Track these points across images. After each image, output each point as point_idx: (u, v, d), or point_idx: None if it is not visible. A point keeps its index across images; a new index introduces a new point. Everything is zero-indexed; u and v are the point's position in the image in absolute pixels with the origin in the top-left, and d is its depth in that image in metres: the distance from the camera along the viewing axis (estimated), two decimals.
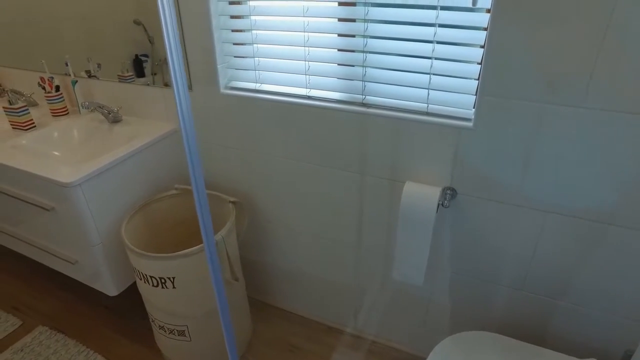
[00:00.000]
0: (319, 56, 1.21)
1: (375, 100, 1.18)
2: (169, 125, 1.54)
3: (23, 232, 1.58)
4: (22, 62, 1.86)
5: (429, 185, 1.18)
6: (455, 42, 1.06)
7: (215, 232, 1.55)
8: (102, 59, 1.60)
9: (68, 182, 1.21)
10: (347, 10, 1.13)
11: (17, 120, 1.55)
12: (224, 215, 1.47)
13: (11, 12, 1.75)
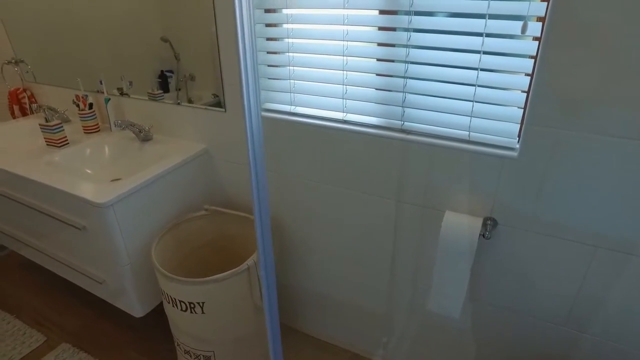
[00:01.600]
0: (357, 80, 1.19)
1: (415, 127, 1.15)
2: (199, 145, 1.54)
3: (51, 248, 1.59)
4: (59, 79, 1.89)
5: (470, 215, 1.13)
6: (500, 70, 1.03)
7: (245, 254, 1.54)
8: (131, 75, 1.61)
9: (101, 202, 1.21)
10: (387, 35, 1.12)
11: (51, 137, 1.57)
12: (253, 238, 1.45)
13: (49, 31, 1.79)
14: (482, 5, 0.98)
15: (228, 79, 1.37)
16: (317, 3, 1.15)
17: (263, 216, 0.72)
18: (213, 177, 1.59)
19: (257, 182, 0.66)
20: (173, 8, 1.37)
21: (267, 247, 0.73)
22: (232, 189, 1.58)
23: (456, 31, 1.03)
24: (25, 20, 1.85)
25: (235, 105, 1.40)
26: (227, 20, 1.28)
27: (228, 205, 1.63)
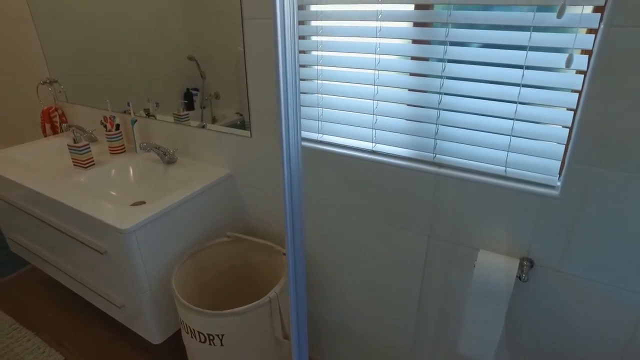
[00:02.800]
0: (387, 110, 1.15)
1: (448, 160, 1.11)
2: (223, 170, 1.52)
3: (72, 268, 1.58)
4: (88, 99, 1.92)
5: (505, 255, 1.07)
6: (541, 104, 0.98)
7: (266, 283, 1.50)
8: (158, 93, 1.62)
9: (124, 228, 1.19)
10: (421, 65, 1.08)
11: (78, 157, 1.58)
12: (275, 266, 1.41)
13: (82, 52, 1.82)
14: (523, 37, 0.93)
15: (255, 104, 1.35)
16: (349, 31, 1.13)
17: (297, 255, 0.68)
18: (236, 202, 1.57)
19: (293, 225, 0.62)
20: (201, 27, 1.38)
21: (301, 288, 0.68)
22: (256, 215, 1.56)
23: (494, 63, 0.98)
24: (60, 42, 1.90)
25: (261, 130, 1.38)
26: (255, 44, 1.27)
27: (251, 232, 1.60)
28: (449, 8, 0.98)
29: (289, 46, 0.50)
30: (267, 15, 1.21)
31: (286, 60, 0.50)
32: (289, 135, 0.56)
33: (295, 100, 0.54)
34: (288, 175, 0.57)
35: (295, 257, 0.67)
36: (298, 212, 0.62)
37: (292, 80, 0.52)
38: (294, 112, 0.54)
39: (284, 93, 0.52)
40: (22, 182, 1.50)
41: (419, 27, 1.07)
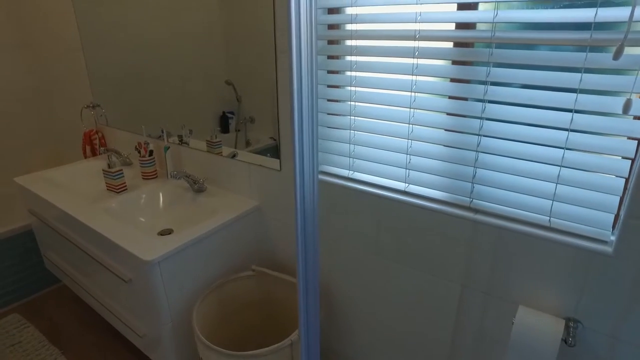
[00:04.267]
0: (422, 150, 1.10)
1: (486, 206, 1.03)
2: (252, 201, 1.50)
3: (98, 291, 1.59)
4: (126, 124, 1.97)
5: (548, 314, 0.97)
6: (592, 151, 0.90)
7: (290, 321, 1.44)
8: (195, 116, 1.64)
9: (148, 259, 1.18)
10: (459, 104, 1.02)
11: (112, 182, 1.60)
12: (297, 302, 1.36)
13: (124, 78, 1.88)
14: (573, 79, 0.86)
15: (285, 138, 1.33)
16: (385, 68, 1.09)
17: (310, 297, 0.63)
18: (263, 236, 1.54)
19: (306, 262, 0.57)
20: (239, 54, 1.39)
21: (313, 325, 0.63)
22: (282, 250, 1.52)
23: (539, 105, 0.92)
24: (104, 68, 1.97)
25: (291, 165, 1.35)
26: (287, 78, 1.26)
27: (276, 267, 1.56)
28: (491, 46, 0.93)
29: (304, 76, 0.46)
30: None
31: (302, 89, 0.46)
32: (303, 169, 0.51)
33: (311, 132, 0.49)
34: (301, 209, 0.53)
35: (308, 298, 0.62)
36: (312, 250, 0.58)
37: (309, 113, 0.48)
38: (310, 145, 0.50)
39: (298, 124, 0.48)
40: (57, 204, 1.54)
41: (458, 65, 1.02)
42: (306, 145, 0.45)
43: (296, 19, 0.40)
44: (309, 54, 0.44)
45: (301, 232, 0.49)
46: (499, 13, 0.89)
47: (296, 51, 0.44)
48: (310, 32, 0.41)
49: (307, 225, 0.49)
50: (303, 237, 0.49)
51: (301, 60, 0.42)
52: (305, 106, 0.44)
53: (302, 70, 0.42)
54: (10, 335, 1.91)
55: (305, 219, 0.49)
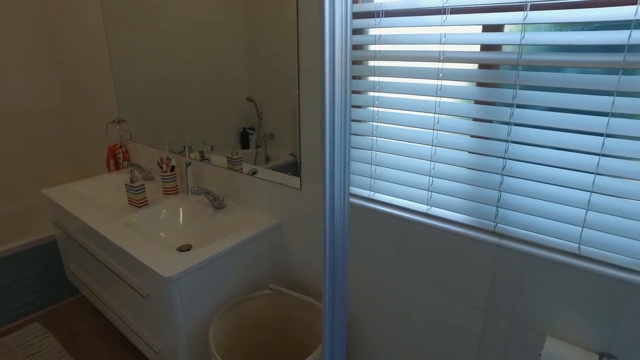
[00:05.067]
0: (445, 172, 1.08)
1: (511, 230, 1.00)
2: (271, 219, 1.49)
3: (116, 304, 1.60)
4: (150, 139, 2.01)
5: (579, 347, 0.93)
6: (625, 176, 0.86)
7: (306, 342, 1.42)
8: (216, 132, 1.66)
9: (167, 276, 1.18)
10: (484, 126, 1.00)
11: (133, 197, 1.63)
12: (317, 326, 1.33)
13: (149, 94, 1.93)
14: (605, 102, 0.84)
15: (306, 157, 1.33)
16: (408, 88, 1.09)
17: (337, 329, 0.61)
18: (282, 254, 1.53)
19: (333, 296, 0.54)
20: (261, 71, 1.41)
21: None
22: (301, 269, 1.50)
23: (568, 129, 0.89)
24: (130, 84, 2.03)
25: (311, 183, 1.34)
26: (309, 98, 1.26)
27: (294, 286, 1.54)
28: (517, 69, 0.91)
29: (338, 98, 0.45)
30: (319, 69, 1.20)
31: (334, 113, 0.45)
32: (333, 193, 0.49)
33: (343, 154, 0.47)
34: (330, 236, 0.50)
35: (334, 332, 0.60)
36: (340, 279, 0.55)
37: (341, 136, 0.46)
38: (341, 168, 0.48)
39: (329, 147, 0.46)
40: (80, 216, 1.56)
41: (483, 87, 1.01)
42: (337, 168, 0.44)
43: (330, 39, 0.39)
44: (343, 74, 0.43)
45: (329, 260, 0.47)
46: (526, 35, 0.88)
47: (329, 71, 0.43)
48: (345, 52, 0.40)
49: (336, 253, 0.47)
50: (331, 267, 0.47)
51: (334, 81, 0.40)
52: (337, 128, 0.42)
53: (336, 91, 0.41)
54: (30, 344, 1.93)
55: (334, 246, 0.47)
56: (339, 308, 0.57)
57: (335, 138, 0.41)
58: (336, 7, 0.36)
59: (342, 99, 0.40)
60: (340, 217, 0.47)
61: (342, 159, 0.42)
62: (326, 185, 0.42)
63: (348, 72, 0.41)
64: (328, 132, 0.40)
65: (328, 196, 0.42)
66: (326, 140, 0.40)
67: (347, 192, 0.44)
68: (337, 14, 0.36)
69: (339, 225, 0.46)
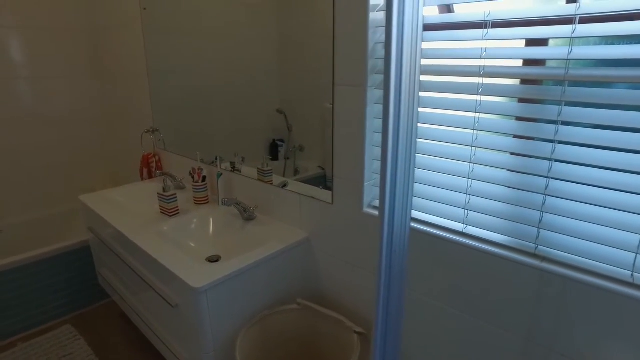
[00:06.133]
0: (483, 190, 1.04)
1: (554, 254, 0.95)
2: (301, 233, 1.48)
3: (145, 313, 1.61)
4: (182, 149, 2.05)
5: None
6: None
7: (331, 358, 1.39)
8: (246, 143, 1.67)
9: (196, 286, 1.18)
10: (525, 144, 0.96)
11: (165, 206, 1.65)
12: (344, 344, 1.30)
13: (183, 104, 1.97)
14: None
15: (339, 171, 1.31)
16: (446, 103, 1.06)
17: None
18: (311, 269, 1.51)
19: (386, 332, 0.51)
20: (292, 83, 1.42)
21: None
22: (330, 285, 1.48)
23: (619, 148, 0.84)
24: (165, 94, 2.08)
25: (343, 198, 1.32)
26: (343, 110, 1.25)
27: (322, 301, 1.52)
28: (563, 84, 0.87)
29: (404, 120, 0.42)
30: (356, 83, 1.18)
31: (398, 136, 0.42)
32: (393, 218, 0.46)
33: (406, 177, 0.45)
34: (387, 265, 0.47)
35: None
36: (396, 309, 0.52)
37: (405, 156, 0.43)
38: (403, 192, 0.45)
39: (391, 168, 0.43)
40: (113, 223, 1.60)
41: (525, 104, 0.97)
42: (399, 192, 0.41)
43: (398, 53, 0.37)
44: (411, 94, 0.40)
45: (384, 290, 0.44)
46: (574, 49, 0.84)
47: (395, 88, 0.40)
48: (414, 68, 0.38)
49: (392, 283, 0.44)
50: (386, 298, 0.44)
51: (400, 98, 0.38)
52: (401, 150, 0.40)
53: (401, 109, 0.38)
54: (63, 346, 1.98)
55: (391, 276, 0.44)
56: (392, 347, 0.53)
57: (399, 162, 0.39)
58: (406, 19, 0.34)
59: (408, 120, 0.38)
60: (400, 246, 0.44)
61: (405, 182, 0.39)
62: (385, 211, 0.39)
63: (416, 93, 0.38)
64: (390, 154, 0.38)
65: (387, 222, 0.40)
66: (388, 162, 0.37)
67: (408, 219, 0.41)
68: (407, 26, 0.34)
69: (398, 257, 0.43)
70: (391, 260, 0.43)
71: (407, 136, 0.38)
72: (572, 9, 0.82)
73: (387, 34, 0.35)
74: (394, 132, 0.37)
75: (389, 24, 0.34)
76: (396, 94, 0.37)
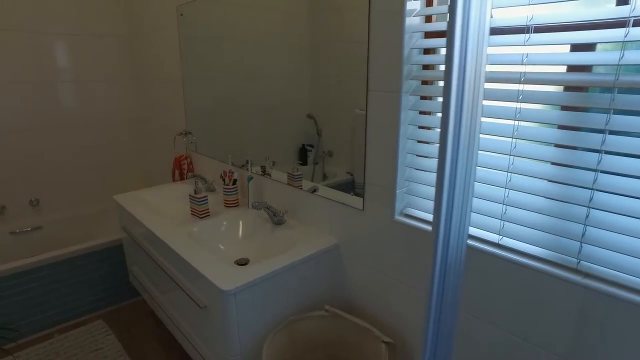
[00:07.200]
0: (520, 201, 1.00)
1: (597, 270, 0.90)
2: (331, 239, 1.47)
3: (174, 312, 1.64)
4: (214, 152, 2.08)
5: None
6: None
7: None
8: (276, 147, 1.68)
9: (226, 289, 1.19)
10: (567, 153, 0.92)
11: (196, 207, 1.67)
12: (372, 353, 1.28)
13: (216, 108, 2.00)
14: None
15: (371, 178, 1.29)
16: (484, 110, 1.02)
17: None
18: (339, 276, 1.50)
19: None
20: (323, 88, 1.42)
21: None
22: (358, 292, 1.46)
23: None
24: (198, 98, 2.12)
25: (374, 205, 1.30)
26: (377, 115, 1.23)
27: (350, 309, 1.50)
28: (613, 91, 0.83)
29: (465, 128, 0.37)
30: (390, 89, 1.17)
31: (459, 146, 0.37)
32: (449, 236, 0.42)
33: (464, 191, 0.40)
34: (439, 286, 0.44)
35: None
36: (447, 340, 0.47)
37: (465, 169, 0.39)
38: (461, 207, 0.41)
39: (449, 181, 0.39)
40: (145, 222, 1.63)
41: (568, 112, 0.93)
42: (456, 207, 0.38)
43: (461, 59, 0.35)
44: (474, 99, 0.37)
45: (435, 313, 0.41)
46: (626, 54, 0.80)
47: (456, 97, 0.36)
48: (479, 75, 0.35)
49: (444, 307, 0.41)
50: (436, 322, 0.41)
51: (462, 107, 0.35)
52: (461, 160, 0.37)
53: (463, 120, 0.35)
54: (95, 340, 2.04)
55: (442, 300, 0.41)
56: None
57: (458, 173, 0.36)
58: (471, 23, 0.32)
59: (470, 132, 0.36)
60: (455, 268, 0.41)
61: (464, 198, 0.37)
62: (440, 227, 0.37)
63: (480, 103, 0.36)
64: (448, 167, 0.35)
65: (441, 240, 0.38)
66: (445, 176, 0.35)
67: (465, 238, 0.39)
68: (472, 30, 0.33)
69: (452, 280, 0.40)
70: (444, 282, 0.40)
71: (468, 150, 0.36)
72: (625, 11, 0.78)
73: (448, 37, 0.33)
74: (454, 144, 0.34)
75: (452, 25, 0.32)
76: (457, 103, 0.34)
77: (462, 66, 0.33)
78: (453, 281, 0.40)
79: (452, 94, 0.33)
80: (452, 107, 0.34)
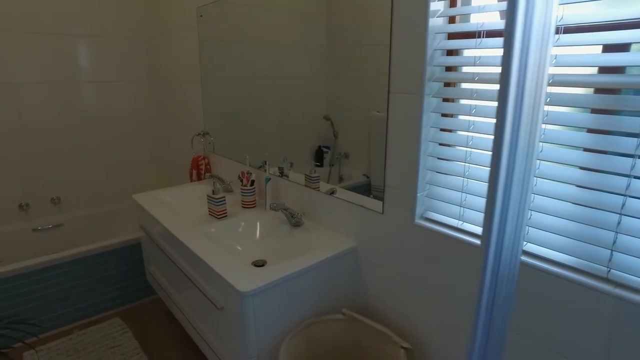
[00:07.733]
0: (547, 207, 0.97)
1: (629, 279, 0.87)
2: (349, 241, 1.45)
3: (191, 312, 1.64)
4: (231, 153, 2.09)
5: None
6: None
7: None
8: (293, 149, 1.68)
9: (243, 291, 1.18)
10: (598, 158, 0.89)
11: (214, 208, 1.68)
12: (388, 356, 1.26)
13: (233, 110, 2.01)
14: None
15: (391, 181, 1.28)
16: None
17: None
18: (357, 279, 1.48)
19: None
20: (339, 90, 1.41)
21: None
22: (376, 296, 1.44)
23: None
24: (215, 99, 2.13)
25: (394, 208, 1.28)
26: (398, 118, 1.22)
27: (368, 313, 1.48)
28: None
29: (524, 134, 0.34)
30: (412, 91, 1.15)
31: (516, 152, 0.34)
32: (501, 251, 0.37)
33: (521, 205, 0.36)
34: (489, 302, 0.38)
35: None
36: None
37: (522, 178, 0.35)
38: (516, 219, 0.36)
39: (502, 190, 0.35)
40: (163, 222, 1.64)
41: (600, 115, 0.90)
42: (510, 218, 0.35)
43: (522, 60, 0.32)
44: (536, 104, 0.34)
45: (482, 335, 0.38)
46: None
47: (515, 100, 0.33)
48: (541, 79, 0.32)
49: (492, 328, 0.37)
50: (483, 346, 0.38)
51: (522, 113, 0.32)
52: (517, 171, 0.34)
53: (521, 126, 0.32)
54: (112, 337, 2.06)
55: (492, 318, 0.37)
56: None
57: (514, 182, 0.34)
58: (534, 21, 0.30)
59: (529, 140, 0.33)
60: (507, 287, 0.36)
61: (519, 211, 0.34)
62: (492, 239, 0.34)
63: (541, 108, 0.34)
64: (503, 177, 0.33)
65: (493, 253, 0.35)
66: (498, 187, 0.33)
67: (519, 253, 0.36)
68: (535, 28, 0.31)
69: (502, 298, 0.36)
70: (494, 302, 0.36)
71: (527, 159, 0.33)
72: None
73: (506, 37, 0.31)
74: (511, 152, 0.32)
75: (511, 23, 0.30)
76: (516, 107, 0.32)
77: (522, 69, 0.31)
78: (503, 307, 0.37)
79: (510, 97, 0.31)
80: (509, 111, 0.32)
